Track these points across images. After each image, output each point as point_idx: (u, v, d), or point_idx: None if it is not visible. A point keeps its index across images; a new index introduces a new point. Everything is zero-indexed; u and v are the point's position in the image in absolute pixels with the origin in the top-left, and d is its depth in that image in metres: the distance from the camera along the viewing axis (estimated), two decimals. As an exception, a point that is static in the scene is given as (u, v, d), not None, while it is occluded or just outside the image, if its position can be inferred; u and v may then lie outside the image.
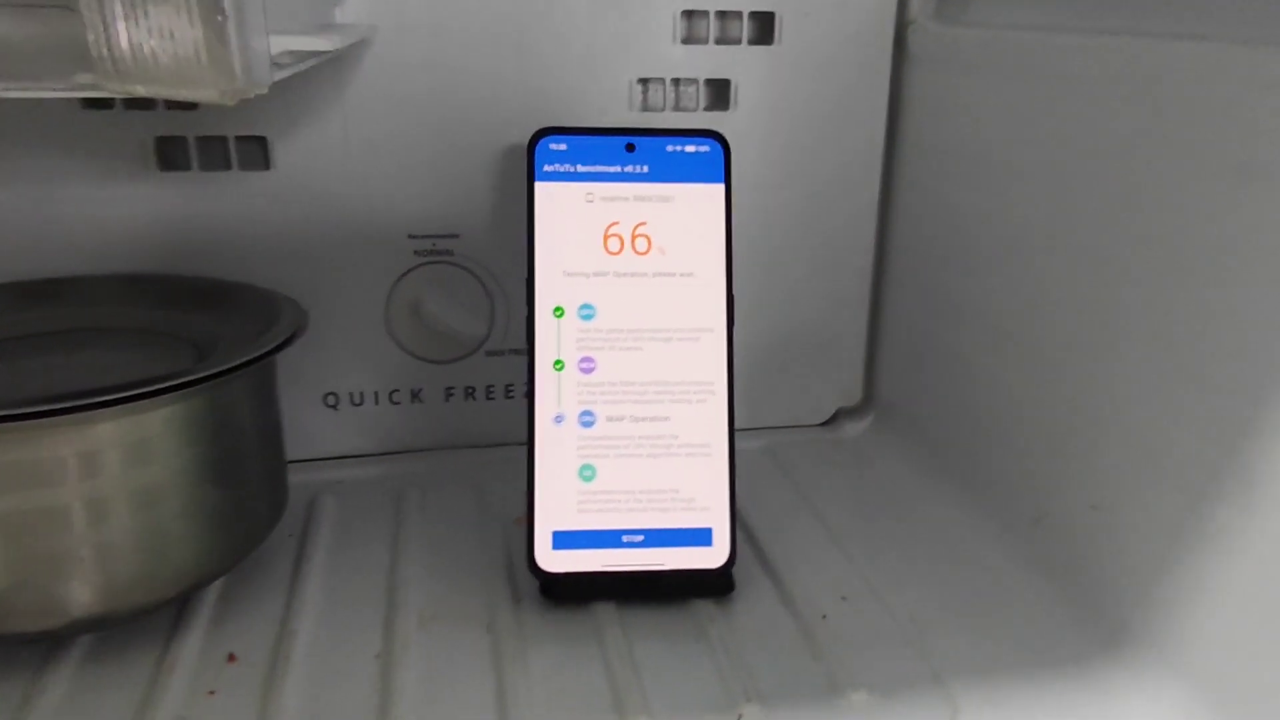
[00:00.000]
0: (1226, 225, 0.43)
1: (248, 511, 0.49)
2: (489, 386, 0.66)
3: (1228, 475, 0.43)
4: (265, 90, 0.31)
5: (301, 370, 0.63)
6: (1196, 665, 0.45)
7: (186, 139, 0.58)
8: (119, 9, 0.27)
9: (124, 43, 0.27)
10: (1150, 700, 0.45)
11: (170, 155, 0.59)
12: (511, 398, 0.67)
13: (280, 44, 0.33)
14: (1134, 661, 0.47)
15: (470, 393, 0.66)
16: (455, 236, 0.63)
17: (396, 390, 0.65)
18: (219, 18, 0.26)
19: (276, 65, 0.33)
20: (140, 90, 0.28)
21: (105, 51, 0.27)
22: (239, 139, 0.59)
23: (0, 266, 0.57)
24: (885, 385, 0.72)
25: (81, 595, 0.43)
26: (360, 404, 0.65)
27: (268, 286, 0.56)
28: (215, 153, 0.59)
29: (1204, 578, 0.45)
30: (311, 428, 0.65)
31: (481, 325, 0.65)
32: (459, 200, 0.62)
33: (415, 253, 0.63)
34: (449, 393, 0.66)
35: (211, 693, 0.45)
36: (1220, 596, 0.44)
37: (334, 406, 0.65)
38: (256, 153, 0.59)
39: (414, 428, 0.66)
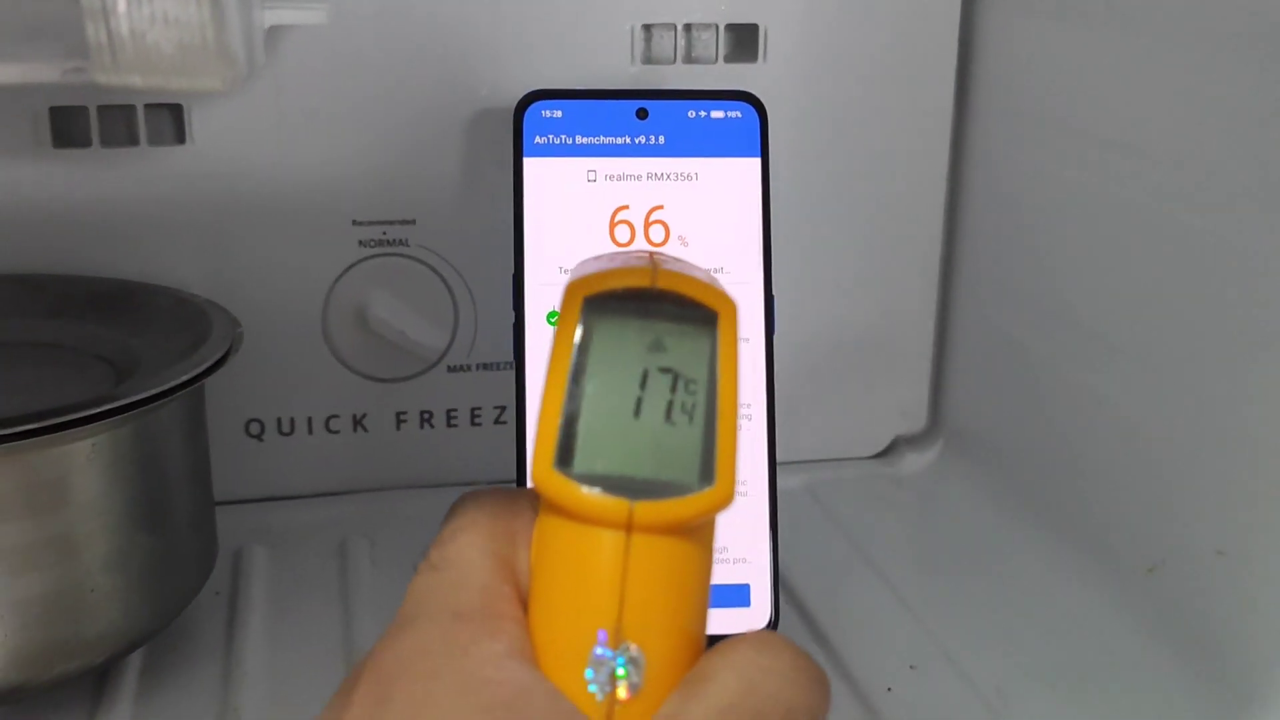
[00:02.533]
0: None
1: (178, 563, 0.54)
2: (450, 411, 0.70)
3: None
4: (258, 70, 0.36)
5: (219, 393, 0.64)
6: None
7: (87, 109, 0.62)
8: (121, -7, 0.32)
9: (124, 30, 0.33)
10: (1287, 782, 0.50)
11: (67, 129, 0.62)
12: (479, 425, 0.70)
13: (272, 18, 0.38)
14: (1268, 736, 0.51)
15: (427, 419, 0.70)
16: (410, 223, 0.66)
17: (335, 416, 0.69)
18: (221, -8, 0.32)
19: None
20: (137, 81, 0.33)
21: (104, 39, 0.33)
22: (148, 108, 0.62)
23: None
24: (956, 406, 0.75)
25: (-8, 661, 0.47)
26: (290, 433, 0.68)
27: (180, 285, 0.61)
28: (119, 125, 0.63)
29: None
30: (232, 463, 0.67)
31: (442, 334, 0.68)
32: (416, 178, 0.66)
33: (361, 243, 0.66)
34: (401, 419, 0.69)
35: (150, 781, 0.50)
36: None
37: (258, 436, 0.68)
38: (169, 124, 0.63)
39: (358, 463, 0.69)
